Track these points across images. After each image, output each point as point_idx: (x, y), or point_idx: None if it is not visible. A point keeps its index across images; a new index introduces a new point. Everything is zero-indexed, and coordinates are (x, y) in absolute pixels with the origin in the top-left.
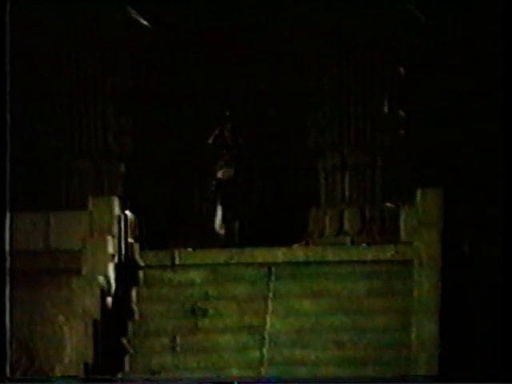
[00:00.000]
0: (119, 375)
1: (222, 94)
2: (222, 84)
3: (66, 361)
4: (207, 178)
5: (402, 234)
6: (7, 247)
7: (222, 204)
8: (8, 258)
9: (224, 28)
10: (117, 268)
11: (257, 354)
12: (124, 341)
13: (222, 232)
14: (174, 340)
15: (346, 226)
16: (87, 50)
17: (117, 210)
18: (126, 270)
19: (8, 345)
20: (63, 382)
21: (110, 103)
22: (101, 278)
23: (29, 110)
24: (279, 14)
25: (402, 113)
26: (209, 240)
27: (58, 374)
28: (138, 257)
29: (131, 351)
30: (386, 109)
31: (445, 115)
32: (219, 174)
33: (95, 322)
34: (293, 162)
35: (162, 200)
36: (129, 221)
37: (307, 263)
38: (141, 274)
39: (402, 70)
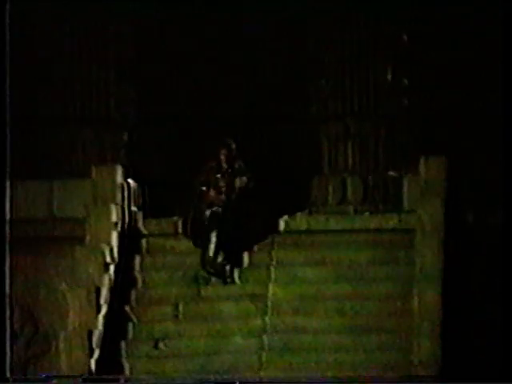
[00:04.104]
0: (120, 377)
1: (225, 57)
2: (223, 46)
3: (70, 328)
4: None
5: (405, 203)
6: (8, 215)
7: (216, 234)
8: (11, 226)
9: None
10: (120, 236)
11: (259, 321)
12: (127, 308)
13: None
14: (176, 308)
15: (349, 195)
16: (89, 18)
17: (120, 179)
18: (129, 238)
19: (8, 344)
20: (63, 382)
21: (112, 72)
22: (104, 246)
23: (30, 78)
24: None
25: (405, 81)
26: None
27: (62, 342)
28: (141, 225)
29: (134, 319)
30: (389, 77)
31: (448, 84)
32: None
33: (98, 289)
34: (295, 130)
35: (164, 168)
36: (132, 189)
37: (310, 232)
38: (144, 242)
39: (405, 37)
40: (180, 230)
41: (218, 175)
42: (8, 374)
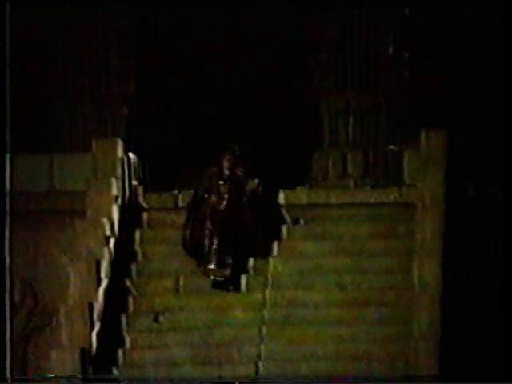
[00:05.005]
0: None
1: (224, 31)
2: (223, 21)
3: (70, 301)
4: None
5: (406, 177)
6: (8, 189)
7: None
8: (12, 200)
9: None
10: (120, 210)
11: (259, 295)
12: (127, 282)
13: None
14: (177, 281)
15: (350, 169)
16: None
17: (120, 152)
18: (130, 211)
19: (8, 345)
20: (63, 382)
21: (112, 45)
22: (104, 220)
23: (30, 52)
24: None
25: (406, 54)
26: None
27: (62, 316)
28: (141, 199)
29: (134, 292)
30: (390, 50)
31: (449, 57)
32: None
33: (98, 263)
34: (296, 104)
35: (164, 142)
36: (132, 163)
37: (310, 206)
38: (144, 215)
39: (407, 10)
40: (180, 204)
41: (220, 181)
42: (8, 374)
